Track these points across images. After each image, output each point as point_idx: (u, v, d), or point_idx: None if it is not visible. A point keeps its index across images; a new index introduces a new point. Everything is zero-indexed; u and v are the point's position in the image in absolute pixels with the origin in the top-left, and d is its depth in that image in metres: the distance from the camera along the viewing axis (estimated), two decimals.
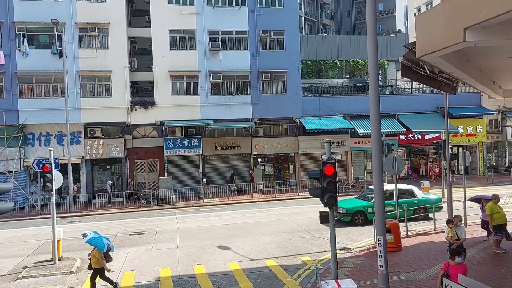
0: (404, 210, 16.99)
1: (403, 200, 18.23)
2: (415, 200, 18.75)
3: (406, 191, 19.01)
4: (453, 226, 11.16)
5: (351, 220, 18.16)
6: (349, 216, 18.20)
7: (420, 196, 18.97)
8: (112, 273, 13.10)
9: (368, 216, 18.05)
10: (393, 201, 17.59)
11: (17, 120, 26.29)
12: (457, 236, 11.15)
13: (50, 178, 14.09)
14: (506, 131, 34.14)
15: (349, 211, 18.26)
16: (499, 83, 13.36)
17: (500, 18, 5.88)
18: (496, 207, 12.61)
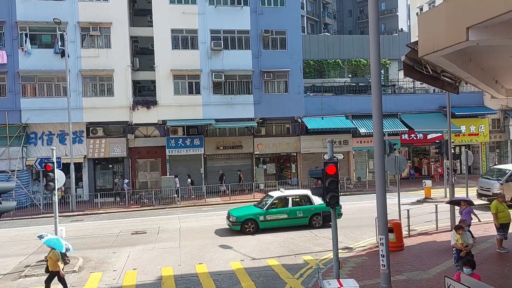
0: (299, 217, 17.12)
1: (298, 207, 17.78)
2: (311, 207, 17.89)
3: (302, 197, 18.31)
4: (462, 233, 10.52)
5: (241, 229, 17.31)
6: (239, 224, 17.35)
7: (317, 202, 17.76)
8: (114, 272, 13.15)
9: (260, 224, 17.41)
10: (287, 208, 17.56)
11: (19, 120, 26.35)
12: (465, 243, 10.55)
13: (52, 177, 14.12)
14: (509, 130, 34.05)
15: (239, 219, 17.42)
16: (501, 82, 13.32)
17: (503, 17, 5.87)
18: (500, 206, 12.58)
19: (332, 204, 9.48)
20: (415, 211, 17.41)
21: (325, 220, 16.97)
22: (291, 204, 17.90)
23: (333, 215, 9.70)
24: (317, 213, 17.70)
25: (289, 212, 17.67)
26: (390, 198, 18.48)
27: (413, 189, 27.54)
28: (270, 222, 17.59)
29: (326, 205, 9.59)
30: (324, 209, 17.44)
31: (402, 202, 17.46)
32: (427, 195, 23.90)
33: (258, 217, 17.52)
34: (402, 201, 17.87)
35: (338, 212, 17.43)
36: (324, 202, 9.53)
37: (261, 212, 17.60)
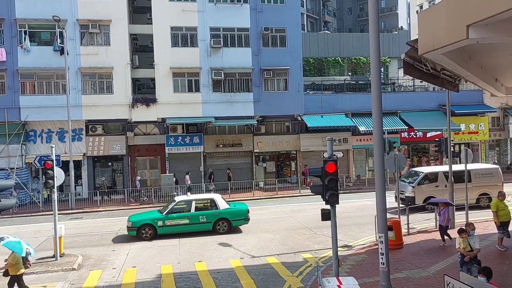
0: (202, 223, 16.74)
1: (201, 212, 17.12)
2: (215, 211, 17.23)
3: (207, 202, 17.63)
4: (466, 236, 9.99)
5: (137, 234, 16.58)
6: (135, 230, 16.61)
7: (223, 207, 17.37)
8: (114, 269, 13.16)
9: (158, 230, 16.69)
10: (189, 213, 16.91)
11: (18, 117, 26.32)
12: (470, 247, 9.99)
13: (51, 175, 14.11)
14: (508, 128, 34.05)
15: (135, 224, 16.68)
16: (501, 80, 13.32)
17: (503, 15, 5.85)
18: (501, 204, 12.58)
19: (331, 202, 9.47)
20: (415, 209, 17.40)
21: (231, 225, 17.22)
22: (194, 208, 17.10)
23: (333, 213, 9.69)
24: (222, 218, 17.15)
25: (191, 217, 16.90)
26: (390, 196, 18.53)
27: None
28: (170, 227, 16.79)
29: (325, 203, 9.56)
30: (230, 214, 17.18)
31: None
32: None
33: (156, 222, 16.68)
34: None
35: (245, 217, 17.31)
36: (324, 200, 9.51)
37: (160, 217, 16.76)
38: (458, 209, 16.60)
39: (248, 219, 17.55)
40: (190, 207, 17.17)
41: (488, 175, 20.47)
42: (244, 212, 17.55)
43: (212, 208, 17.38)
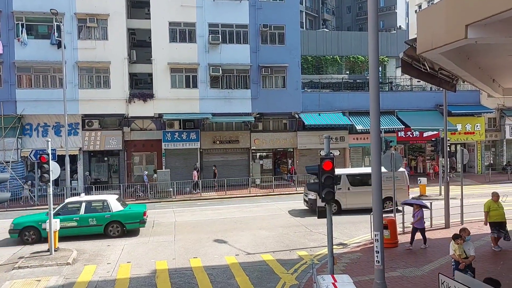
0: (92, 225, 15.99)
1: (90, 215, 16.28)
2: (107, 214, 16.44)
3: (99, 203, 16.78)
4: (461, 242, 9.43)
5: (19, 237, 15.72)
6: (17, 232, 15.73)
7: (116, 209, 16.58)
8: (108, 265, 13.13)
9: (42, 233, 15.66)
10: (77, 215, 16.09)
11: (15, 110, 26.19)
12: (465, 254, 9.46)
13: (47, 169, 14.04)
14: (505, 129, 34.20)
15: (17, 226, 15.79)
16: (499, 81, 13.34)
17: (503, 15, 5.84)
18: (493, 205, 12.61)
19: (327, 200, 9.48)
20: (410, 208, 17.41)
21: (125, 228, 16.29)
22: (84, 210, 16.31)
23: (328, 211, 9.70)
24: (114, 221, 16.41)
25: (79, 220, 16.08)
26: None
27: None
28: None
29: (321, 201, 9.56)
30: (123, 216, 16.57)
31: None
32: (422, 192, 24.01)
33: (41, 225, 15.68)
34: None
35: (140, 220, 16.59)
36: (320, 198, 9.51)
37: (45, 219, 15.28)
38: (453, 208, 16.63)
39: (144, 222, 16.71)
40: (80, 209, 16.34)
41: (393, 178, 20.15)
42: (139, 215, 16.73)
43: (104, 210, 16.50)
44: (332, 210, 18.97)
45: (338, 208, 19.55)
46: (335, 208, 19.38)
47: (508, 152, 35.07)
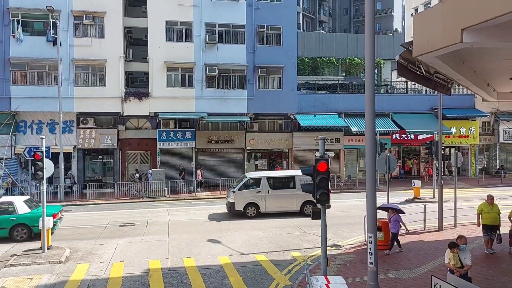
0: None
1: None
2: (12, 216, 15.55)
3: (5, 205, 15.86)
4: (457, 251, 8.89)
5: None
6: None
7: (23, 211, 15.75)
8: (101, 263, 13.08)
9: None
10: None
11: (9, 107, 26.02)
12: (460, 263, 8.91)
13: (41, 166, 13.97)
14: (498, 133, 34.42)
15: None
16: (493, 85, 13.44)
17: (498, 20, 5.89)
18: (486, 207, 12.65)
19: (322, 201, 9.49)
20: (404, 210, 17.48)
21: (32, 231, 15.25)
22: None
23: (323, 211, 9.71)
24: (20, 224, 15.62)
25: None
26: (380, 197, 18.60)
27: (403, 189, 27.74)
28: None
29: (316, 202, 9.58)
30: (30, 219, 15.50)
31: (391, 201, 17.56)
32: (416, 195, 24.09)
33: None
34: (391, 200, 17.99)
35: None
36: (315, 199, 9.53)
37: None
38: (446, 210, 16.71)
39: (54, 225, 15.56)
40: None
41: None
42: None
43: (10, 213, 15.64)
44: (251, 214, 19.13)
45: (257, 212, 19.41)
46: (254, 211, 19.38)
47: (502, 156, 35.31)
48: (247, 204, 19.37)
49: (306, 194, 18.92)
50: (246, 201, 19.37)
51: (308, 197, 19.17)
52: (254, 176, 20.32)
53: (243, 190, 19.49)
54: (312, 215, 9.90)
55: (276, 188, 19.74)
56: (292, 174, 20.30)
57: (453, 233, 15.79)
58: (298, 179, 19.42)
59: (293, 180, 19.82)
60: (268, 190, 19.55)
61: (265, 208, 19.51)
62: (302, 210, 19.63)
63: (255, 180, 19.80)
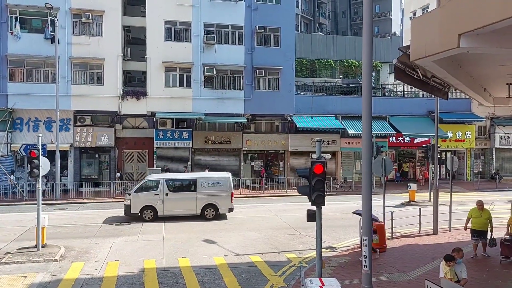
0: None
1: None
2: None
3: None
4: (453, 264, 8.62)
5: None
6: None
7: None
8: (96, 262, 13.06)
9: None
10: None
11: (5, 104, 25.93)
12: (456, 277, 8.67)
13: (37, 164, 13.93)
14: (494, 138, 34.58)
15: None
16: (489, 90, 13.51)
17: (495, 26, 5.94)
18: (476, 213, 12.70)
19: (317, 203, 9.51)
20: (399, 213, 17.57)
21: None
22: None
23: (318, 214, 9.74)
24: None
25: None
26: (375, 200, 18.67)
27: (398, 192, 27.81)
28: None
29: (311, 204, 9.60)
30: None
31: (386, 204, 17.60)
32: (412, 198, 24.16)
33: None
34: (386, 203, 18.02)
35: None
36: (310, 201, 9.55)
37: None
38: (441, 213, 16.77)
39: None
40: None
41: (216, 184, 19.31)
42: None
43: None
44: (148, 217, 18.57)
45: (155, 215, 18.83)
46: (151, 214, 18.76)
47: (497, 160, 35.47)
48: (144, 207, 18.74)
49: (207, 197, 19.09)
50: (143, 204, 18.72)
51: (209, 200, 19.09)
52: (153, 178, 19.73)
53: (139, 192, 18.87)
54: (307, 217, 9.91)
55: (175, 191, 19.18)
56: (193, 177, 19.83)
57: (448, 236, 15.88)
58: (200, 182, 19.14)
59: (194, 183, 19.30)
60: (167, 193, 18.87)
61: (163, 211, 18.85)
62: (203, 213, 19.23)
63: (153, 183, 19.18)
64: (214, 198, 19.23)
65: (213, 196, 19.23)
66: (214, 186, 19.27)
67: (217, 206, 19.26)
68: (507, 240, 12.14)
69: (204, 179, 19.42)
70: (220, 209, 19.28)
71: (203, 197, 19.14)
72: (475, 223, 12.68)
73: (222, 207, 19.30)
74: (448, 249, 13.08)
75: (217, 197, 19.23)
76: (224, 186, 19.32)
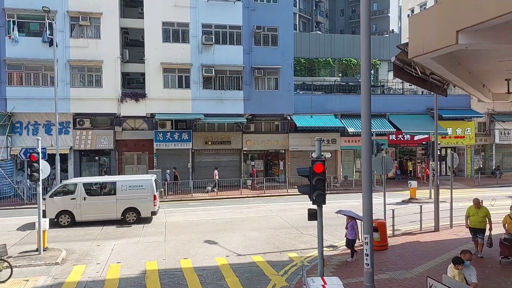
0: None
1: None
2: None
3: None
4: (462, 268, 8.15)
5: None
6: None
7: None
8: (98, 265, 13.05)
9: None
10: None
11: (5, 108, 25.91)
12: (465, 280, 8.15)
13: (37, 167, 13.93)
14: (494, 134, 34.57)
15: None
16: (488, 86, 13.50)
17: (493, 22, 5.93)
18: (472, 211, 12.69)
19: (318, 202, 9.51)
20: (400, 211, 17.59)
21: None
22: None
23: (319, 213, 9.74)
24: None
25: None
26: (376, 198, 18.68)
27: (399, 189, 27.82)
28: None
29: (312, 203, 9.59)
30: None
31: (387, 202, 17.62)
32: (412, 195, 24.16)
33: None
34: (387, 201, 18.03)
35: None
36: (311, 200, 9.54)
37: None
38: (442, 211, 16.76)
39: None
40: None
41: (137, 187, 18.78)
42: None
43: None
44: (64, 222, 17.98)
45: (72, 220, 18.31)
46: (68, 220, 18.23)
47: (497, 156, 35.47)
48: (60, 212, 18.18)
49: (127, 201, 18.50)
50: (59, 209, 18.17)
51: (129, 204, 18.57)
52: (69, 182, 19.37)
53: (54, 197, 18.33)
54: (308, 216, 9.91)
55: (94, 195, 18.65)
56: (112, 180, 19.29)
57: (449, 233, 15.87)
58: (120, 185, 18.66)
59: (113, 186, 18.77)
60: (84, 197, 18.34)
61: (81, 216, 18.32)
62: (124, 217, 18.76)
63: (70, 187, 18.73)
64: (135, 201, 18.64)
65: (134, 199, 18.63)
66: (135, 189, 18.71)
67: (139, 210, 18.72)
68: (506, 239, 12.04)
69: (124, 182, 18.85)
70: (141, 212, 18.75)
71: (123, 200, 18.56)
72: (472, 221, 12.72)
73: (144, 210, 18.74)
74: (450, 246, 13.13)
75: (138, 200, 18.66)
76: (146, 189, 18.75)
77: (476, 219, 12.58)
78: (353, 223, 12.89)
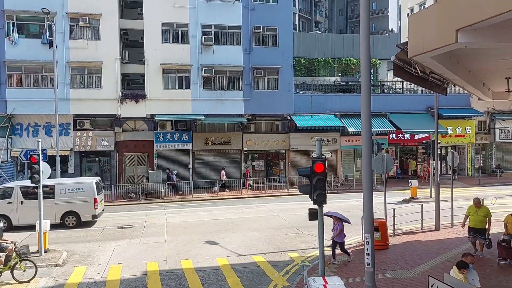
0: None
1: None
2: None
3: None
4: (466, 272, 7.95)
5: None
6: None
7: None
8: (99, 266, 13.05)
9: None
10: None
11: (5, 110, 25.93)
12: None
13: (37, 169, 13.93)
14: (495, 132, 34.56)
15: None
16: (488, 85, 13.48)
17: (492, 20, 5.92)
18: (472, 210, 12.65)
19: (319, 202, 9.50)
20: (401, 210, 17.57)
21: None
22: None
23: (320, 213, 9.73)
24: None
25: None
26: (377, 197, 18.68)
27: (399, 189, 27.81)
28: None
29: (313, 203, 9.59)
30: None
31: (388, 201, 17.62)
32: (413, 195, 24.15)
33: None
34: (388, 200, 18.03)
35: None
36: (312, 200, 9.54)
37: None
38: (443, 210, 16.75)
39: None
40: None
41: (77, 190, 18.32)
42: None
43: None
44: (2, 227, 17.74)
45: (9, 225, 17.69)
46: (5, 224, 17.43)
47: (498, 155, 35.46)
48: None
49: (66, 205, 18.01)
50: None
51: (68, 208, 18.10)
52: (6, 185, 18.91)
53: None
54: (309, 216, 9.91)
55: (32, 198, 17.52)
56: (51, 183, 18.31)
57: (450, 232, 15.86)
58: (58, 188, 18.16)
59: (52, 189, 18.11)
60: (22, 201, 17.78)
61: (18, 220, 17.76)
62: (63, 221, 18.27)
63: (6, 190, 18.17)
64: (74, 205, 18.22)
65: (73, 203, 18.20)
66: (75, 193, 18.26)
67: (78, 213, 18.32)
68: (504, 240, 11.87)
69: (63, 185, 18.37)
70: (82, 216, 18.35)
71: (62, 204, 18.09)
72: (472, 220, 12.65)
73: (84, 214, 18.34)
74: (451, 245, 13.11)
75: (78, 204, 18.24)
76: (86, 192, 18.32)
77: (476, 218, 12.53)
78: (339, 225, 12.73)
